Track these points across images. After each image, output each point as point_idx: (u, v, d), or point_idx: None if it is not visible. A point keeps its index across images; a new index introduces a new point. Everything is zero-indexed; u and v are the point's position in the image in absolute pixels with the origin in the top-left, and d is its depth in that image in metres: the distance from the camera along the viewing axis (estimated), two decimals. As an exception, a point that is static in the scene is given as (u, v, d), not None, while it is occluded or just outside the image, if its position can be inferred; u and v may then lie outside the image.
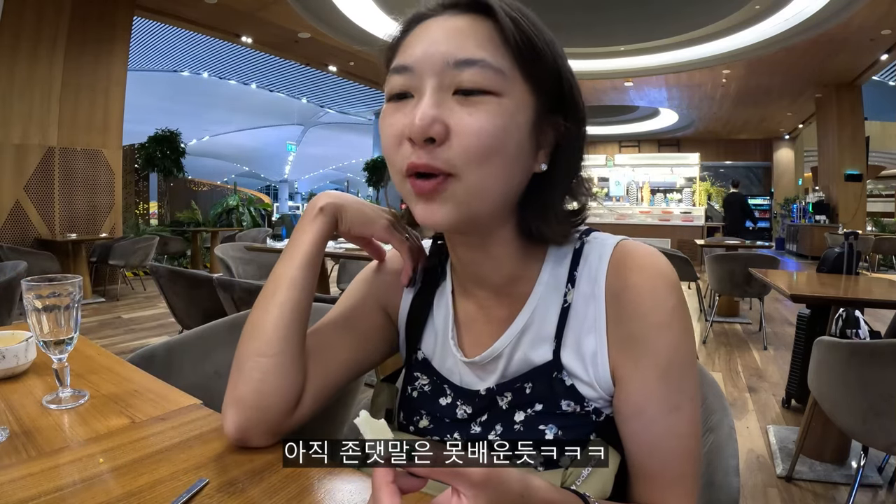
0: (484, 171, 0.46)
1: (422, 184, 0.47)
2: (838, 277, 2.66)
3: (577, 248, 0.55)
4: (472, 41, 0.46)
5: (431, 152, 0.46)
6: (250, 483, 0.50)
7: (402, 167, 0.47)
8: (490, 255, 0.54)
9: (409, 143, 0.46)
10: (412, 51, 0.48)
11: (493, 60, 0.46)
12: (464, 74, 0.46)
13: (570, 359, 0.53)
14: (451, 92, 0.46)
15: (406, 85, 0.48)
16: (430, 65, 0.46)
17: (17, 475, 0.50)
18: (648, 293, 0.50)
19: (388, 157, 0.50)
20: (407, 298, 0.65)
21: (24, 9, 4.95)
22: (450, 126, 0.45)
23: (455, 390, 0.59)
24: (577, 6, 6.62)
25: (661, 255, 0.52)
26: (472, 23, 0.47)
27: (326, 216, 0.60)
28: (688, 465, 0.50)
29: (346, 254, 3.22)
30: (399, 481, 0.34)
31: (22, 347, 0.78)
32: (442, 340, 0.61)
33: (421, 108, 0.45)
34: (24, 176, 5.18)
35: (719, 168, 15.66)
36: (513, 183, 0.49)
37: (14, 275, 2.25)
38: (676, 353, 0.50)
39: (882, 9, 6.06)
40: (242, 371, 0.56)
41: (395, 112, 0.49)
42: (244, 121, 16.93)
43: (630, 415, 0.51)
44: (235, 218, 9.32)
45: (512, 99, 0.47)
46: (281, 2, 6.20)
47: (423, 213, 0.48)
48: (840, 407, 1.54)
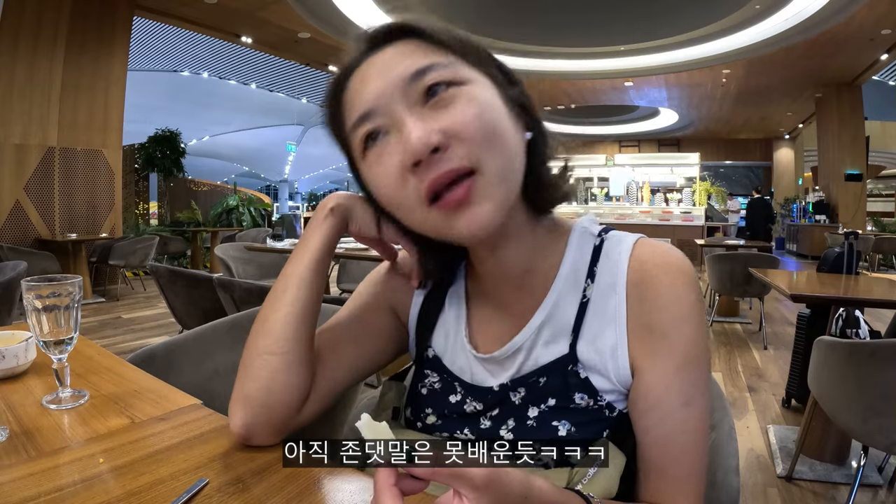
0: (497, 154, 0.46)
1: (452, 196, 0.45)
2: (838, 277, 2.66)
3: (596, 245, 0.56)
4: (410, 56, 0.48)
5: (442, 160, 0.45)
6: (250, 483, 0.50)
7: (421, 196, 0.46)
8: (511, 246, 0.55)
9: (414, 169, 0.45)
10: (364, 97, 0.48)
11: (441, 60, 0.47)
12: (424, 80, 0.46)
13: (586, 352, 0.53)
14: (422, 104, 0.47)
15: (377, 125, 0.47)
16: (389, 95, 0.47)
17: (17, 475, 0.50)
18: (669, 287, 0.51)
19: (396, 201, 0.48)
20: (417, 299, 0.66)
21: (24, 9, 4.95)
22: (444, 129, 0.45)
23: (465, 387, 0.59)
24: (577, 6, 6.62)
25: (679, 251, 0.54)
26: (400, 47, 0.49)
27: (336, 217, 0.60)
28: (698, 461, 0.51)
29: (347, 254, 3.22)
30: (401, 484, 0.34)
31: (22, 347, 0.78)
32: (453, 339, 0.62)
33: (409, 128, 0.45)
34: (24, 176, 5.18)
35: (719, 168, 15.68)
36: (518, 157, 0.49)
37: (14, 275, 2.25)
38: (694, 346, 0.51)
39: (882, 9, 6.06)
40: (251, 369, 0.57)
41: (379, 157, 0.48)
42: (244, 121, 16.92)
43: (647, 408, 0.51)
44: (235, 218, 9.32)
45: (474, 83, 0.48)
46: (281, 2, 6.20)
47: (468, 223, 0.46)
48: (840, 407, 1.54)
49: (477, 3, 6.58)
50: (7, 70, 4.92)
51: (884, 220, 11.34)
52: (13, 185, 5.12)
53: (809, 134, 12.39)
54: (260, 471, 0.52)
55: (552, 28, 7.22)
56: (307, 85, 12.25)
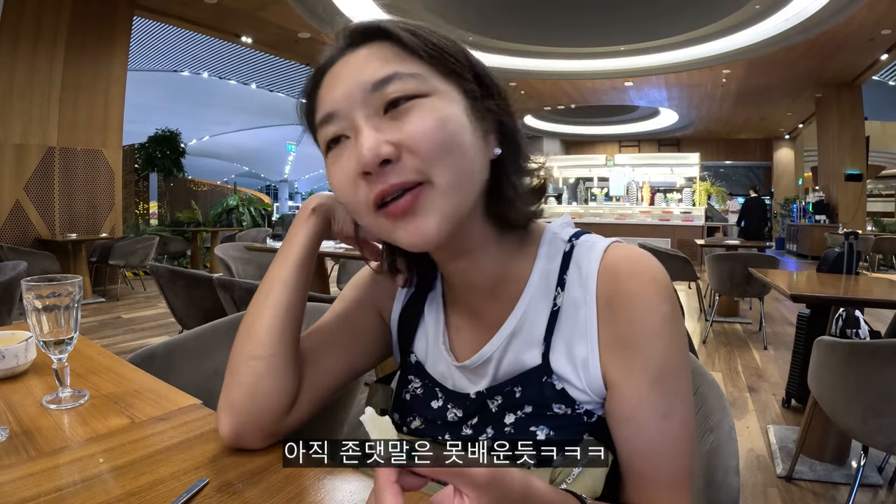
0: (449, 167, 0.46)
1: (397, 204, 0.46)
2: (838, 277, 2.66)
3: (566, 251, 0.55)
4: (378, 63, 0.48)
5: (392, 172, 0.46)
6: (250, 483, 0.50)
7: (369, 203, 0.47)
8: (474, 259, 0.54)
9: (365, 178, 0.46)
10: (330, 97, 0.49)
11: (404, 69, 0.47)
12: (386, 91, 0.47)
13: (559, 363, 0.53)
14: (381, 114, 0.47)
15: (338, 129, 0.49)
16: (351, 100, 0.47)
17: (17, 475, 0.50)
18: (640, 299, 0.50)
19: (349, 203, 0.49)
20: (398, 304, 0.65)
21: (24, 9, 4.94)
22: (397, 142, 0.46)
23: (446, 394, 0.59)
24: (577, 6, 6.62)
25: (652, 258, 0.52)
26: (374, 49, 0.49)
27: (318, 217, 0.60)
28: (680, 463, 0.50)
29: (346, 254, 3.22)
30: (401, 480, 0.34)
31: (22, 347, 0.78)
32: (433, 345, 0.61)
33: (362, 138, 0.46)
34: (24, 176, 5.18)
35: (719, 168, 15.67)
36: (477, 172, 0.49)
37: (14, 275, 2.25)
38: (668, 360, 0.49)
39: (882, 9, 6.06)
40: (236, 375, 0.57)
41: (337, 159, 0.49)
42: (244, 121, 16.91)
43: (622, 419, 0.50)
44: (235, 218, 9.32)
45: (439, 96, 0.48)
46: (281, 2, 6.20)
47: (410, 234, 0.47)
48: (840, 407, 1.54)
49: (477, 3, 6.57)
50: (7, 70, 4.92)
51: (884, 220, 11.34)
52: (13, 185, 5.12)
53: (809, 134, 12.39)
54: (259, 471, 0.52)
55: (552, 28, 7.22)
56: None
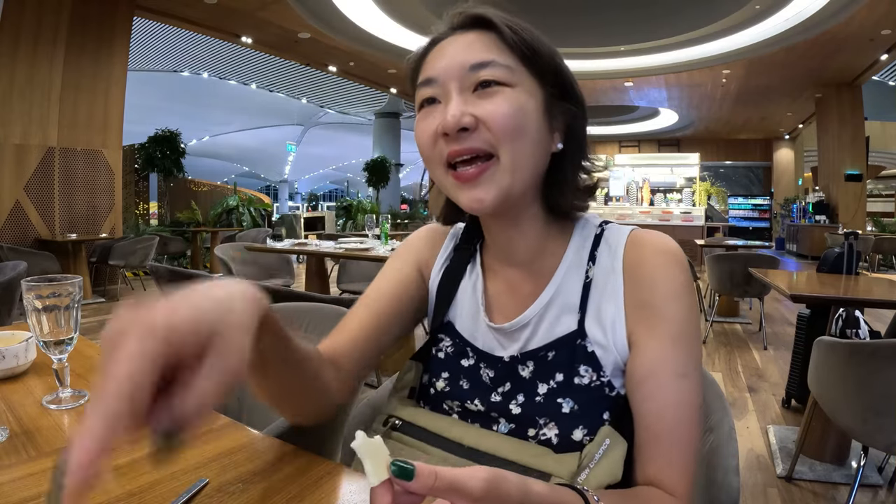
0: (515, 149, 0.54)
1: (466, 171, 0.54)
2: (838, 277, 2.66)
3: (597, 233, 0.63)
4: (481, 49, 0.56)
5: (468, 139, 0.53)
6: (250, 483, 0.50)
7: (443, 159, 0.55)
8: (520, 231, 0.61)
9: (444, 138, 0.54)
10: (435, 65, 0.57)
11: (501, 60, 0.55)
12: (480, 73, 0.54)
13: (592, 326, 0.58)
14: (471, 91, 0.55)
15: (434, 93, 0.56)
16: (451, 73, 0.55)
17: (17, 475, 0.50)
18: (661, 267, 0.57)
19: (426, 155, 0.57)
20: (439, 267, 0.70)
21: (24, 9, 4.95)
22: (477, 115, 0.53)
23: (477, 353, 0.63)
24: (577, 6, 6.62)
25: (671, 239, 0.60)
26: (479, 36, 0.57)
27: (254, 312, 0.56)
28: (690, 434, 0.53)
29: (347, 254, 3.23)
30: (398, 500, 0.34)
31: (22, 347, 0.78)
32: (469, 308, 0.66)
33: (451, 106, 0.54)
34: (24, 176, 5.18)
35: (719, 168, 15.68)
36: (538, 160, 0.57)
37: (14, 275, 2.25)
38: (686, 322, 0.55)
39: (882, 9, 6.07)
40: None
41: (427, 116, 0.57)
42: (244, 121, 16.92)
43: (642, 378, 0.54)
44: (235, 218, 9.31)
45: (522, 88, 0.55)
46: (281, 2, 6.21)
47: (471, 198, 0.55)
48: (840, 407, 1.54)
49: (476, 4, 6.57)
50: (7, 70, 4.92)
51: (884, 220, 11.34)
52: (13, 185, 5.12)
53: (809, 134, 12.39)
54: (260, 471, 0.52)
55: (552, 28, 7.19)
56: (307, 85, 12.23)
